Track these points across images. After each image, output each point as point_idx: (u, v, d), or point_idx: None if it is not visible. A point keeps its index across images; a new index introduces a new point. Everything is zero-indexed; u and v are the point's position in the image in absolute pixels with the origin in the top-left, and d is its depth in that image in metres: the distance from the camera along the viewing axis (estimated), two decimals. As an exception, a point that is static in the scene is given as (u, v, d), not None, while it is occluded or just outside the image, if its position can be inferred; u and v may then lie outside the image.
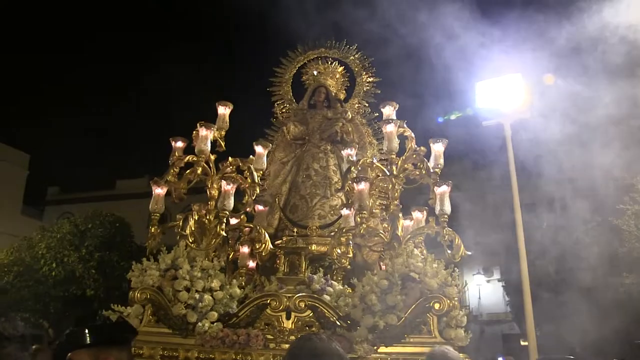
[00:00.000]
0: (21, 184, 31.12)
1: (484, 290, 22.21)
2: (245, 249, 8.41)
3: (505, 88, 9.65)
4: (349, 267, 8.18)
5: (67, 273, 17.56)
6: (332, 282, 7.60)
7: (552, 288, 11.39)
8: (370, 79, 9.70)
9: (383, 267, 8.24)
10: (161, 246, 7.65)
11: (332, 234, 8.40)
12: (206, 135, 7.67)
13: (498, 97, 9.60)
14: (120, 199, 30.73)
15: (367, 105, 9.71)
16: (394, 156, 7.39)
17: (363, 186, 7.17)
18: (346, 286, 7.55)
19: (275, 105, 9.79)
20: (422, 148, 7.58)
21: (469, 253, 7.23)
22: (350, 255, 7.79)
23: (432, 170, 7.35)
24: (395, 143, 7.42)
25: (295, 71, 9.94)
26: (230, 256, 8.23)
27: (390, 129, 7.43)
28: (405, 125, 7.69)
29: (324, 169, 9.04)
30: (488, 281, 22.79)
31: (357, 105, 9.72)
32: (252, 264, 8.55)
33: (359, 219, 7.51)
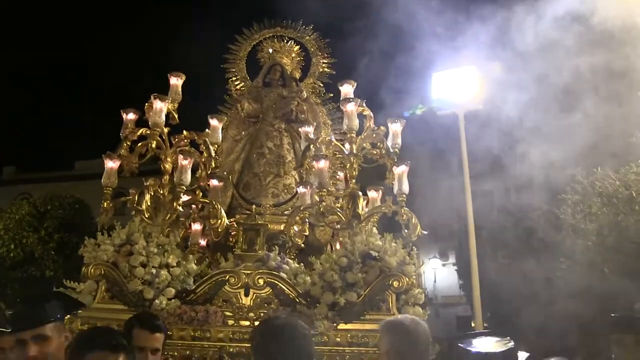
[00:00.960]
0: None
1: (439, 274, 22.79)
2: (197, 226, 8.30)
3: (460, 80, 9.88)
4: (302, 245, 8.22)
5: (26, 254, 17.47)
6: (288, 259, 7.62)
7: (499, 272, 11.80)
8: (326, 60, 9.70)
9: (337, 245, 8.34)
10: (114, 222, 7.46)
11: (287, 212, 8.43)
12: (160, 107, 7.47)
13: (453, 88, 9.83)
14: (80, 179, 29.84)
15: (321, 85, 9.71)
16: (353, 135, 7.42)
17: (323, 164, 7.19)
18: (301, 264, 7.56)
19: (230, 81, 9.64)
20: (381, 127, 7.66)
21: (425, 232, 7.39)
22: (307, 233, 7.81)
23: (391, 150, 7.43)
24: (356, 122, 7.45)
25: (250, 49, 9.82)
26: (182, 234, 8.09)
27: (350, 107, 7.46)
28: (364, 105, 7.73)
29: (278, 148, 8.99)
30: (444, 265, 23.41)
31: (311, 85, 9.69)
32: (202, 242, 8.46)
33: (317, 197, 7.55)
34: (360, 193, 7.34)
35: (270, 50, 9.70)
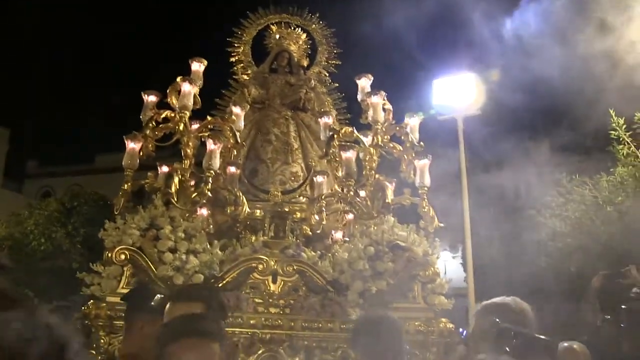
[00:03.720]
0: (1, 159, 31.66)
1: (449, 266, 23.22)
2: (204, 211, 8.20)
3: (459, 86, 10.21)
4: (310, 233, 8.30)
5: (54, 247, 18.53)
6: (304, 248, 7.69)
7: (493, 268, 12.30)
8: (333, 50, 9.74)
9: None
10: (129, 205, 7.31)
11: (294, 200, 8.48)
12: (189, 91, 7.33)
13: (453, 94, 10.15)
14: (100, 172, 29.78)
15: (327, 74, 9.75)
16: (379, 127, 7.54)
17: (350, 154, 7.28)
18: (317, 252, 7.63)
19: (236, 67, 9.53)
20: (406, 121, 7.82)
21: (442, 225, 7.63)
22: (324, 222, 7.89)
23: (415, 144, 7.61)
24: (381, 114, 7.57)
25: (255, 33, 9.73)
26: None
27: (375, 100, 7.57)
28: (385, 98, 7.85)
29: (285, 135, 8.99)
30: (453, 257, 23.86)
31: (317, 73, 9.71)
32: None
33: (340, 188, 7.66)
34: (388, 184, 7.47)
35: (278, 37, 9.65)
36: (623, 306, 3.65)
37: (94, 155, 34.56)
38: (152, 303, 3.81)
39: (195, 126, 7.86)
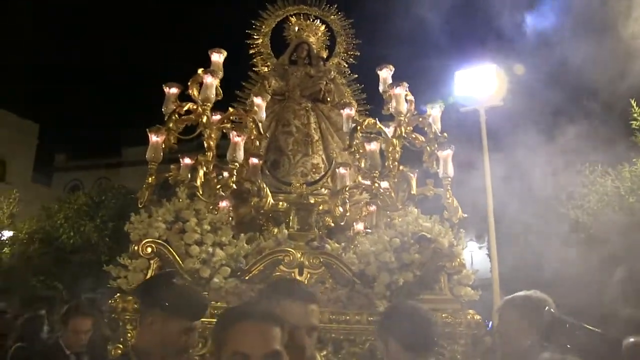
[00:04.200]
0: (31, 153, 32.18)
1: (476, 257, 23.13)
2: (224, 204, 8.18)
3: (481, 77, 10.13)
4: (332, 225, 8.29)
5: (83, 241, 19.28)
6: (327, 239, 7.68)
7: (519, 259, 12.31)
8: (352, 40, 9.70)
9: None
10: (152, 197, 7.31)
11: (316, 191, 8.46)
12: (211, 82, 7.32)
13: (475, 86, 10.08)
14: (127, 165, 30.26)
15: (346, 65, 9.72)
16: (402, 118, 7.51)
17: (375, 146, 7.25)
18: (342, 244, 7.62)
19: (256, 59, 9.51)
20: (428, 112, 7.78)
21: (465, 215, 7.60)
22: (348, 213, 7.87)
23: (439, 135, 7.58)
24: (404, 105, 7.54)
25: (274, 25, 9.69)
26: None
27: (398, 91, 7.54)
28: (407, 89, 7.81)
29: (305, 127, 8.95)
30: (480, 248, 23.79)
31: (336, 65, 9.68)
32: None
33: (363, 179, 7.65)
34: (413, 175, 7.45)
35: (297, 29, 9.61)
36: None
37: (121, 148, 34.78)
38: (166, 299, 3.79)
39: (216, 117, 7.87)
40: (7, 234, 20.28)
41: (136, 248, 6.66)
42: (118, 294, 6.70)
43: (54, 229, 19.82)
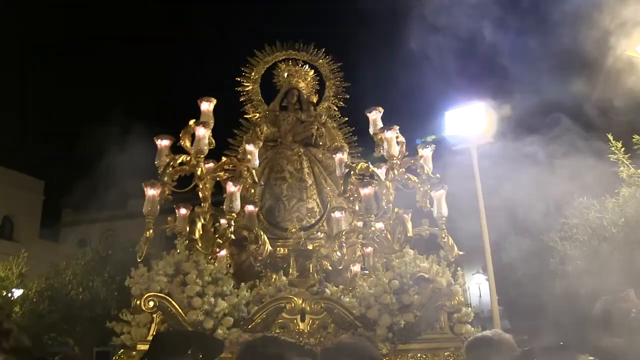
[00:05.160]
0: (38, 210, 32.16)
1: (484, 289, 22.97)
2: (223, 252, 8.24)
3: (471, 116, 10.31)
4: (330, 268, 8.36)
5: (92, 296, 19.37)
6: (327, 284, 7.74)
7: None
8: (340, 84, 9.87)
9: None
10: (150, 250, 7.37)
11: (312, 235, 8.55)
12: (204, 134, 7.43)
13: (465, 124, 10.25)
14: (132, 217, 30.33)
15: (336, 109, 9.87)
16: (395, 161, 7.66)
17: (369, 190, 7.37)
18: (340, 287, 7.69)
19: (247, 105, 9.64)
20: (420, 153, 7.93)
21: (461, 253, 7.72)
22: (346, 257, 7.95)
23: (431, 176, 7.72)
24: (395, 148, 7.69)
25: (263, 71, 9.84)
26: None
27: (389, 134, 7.70)
28: (398, 131, 7.97)
29: (299, 172, 9.07)
30: (487, 279, 23.74)
31: (326, 108, 9.82)
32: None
33: (358, 222, 7.76)
34: (408, 217, 7.57)
35: (286, 75, 9.76)
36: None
37: (127, 200, 34.76)
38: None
39: (209, 165, 7.97)
40: (18, 292, 20.20)
41: (138, 302, 6.70)
42: (122, 350, 6.73)
43: (62, 285, 20.01)
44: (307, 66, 9.93)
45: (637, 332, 3.79)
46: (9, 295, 19.83)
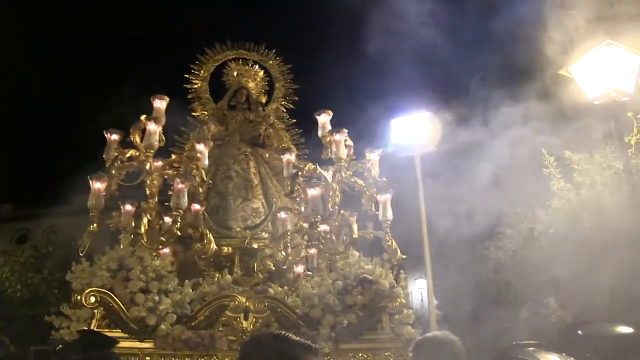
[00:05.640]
0: None
1: (426, 293, 23.07)
2: (165, 250, 8.15)
3: (415, 124, 10.52)
4: (274, 269, 8.40)
5: (31, 293, 18.72)
6: (270, 283, 7.78)
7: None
8: (290, 86, 9.92)
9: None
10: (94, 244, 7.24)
11: (256, 235, 8.56)
12: (155, 130, 7.37)
13: (410, 133, 10.45)
14: (77, 214, 28.84)
15: (284, 111, 9.92)
16: (342, 163, 7.77)
17: (316, 191, 7.45)
18: (284, 287, 7.75)
19: (195, 103, 9.56)
20: (367, 157, 8.08)
21: (404, 257, 7.90)
22: (291, 257, 8.01)
23: (378, 179, 7.88)
24: (343, 150, 7.80)
25: (213, 69, 9.78)
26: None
27: (338, 137, 7.80)
28: (347, 135, 8.09)
29: (245, 171, 9.07)
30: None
31: (275, 110, 9.85)
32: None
33: (304, 223, 7.85)
34: (354, 219, 7.69)
35: (235, 74, 9.74)
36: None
37: (70, 197, 33.61)
38: None
39: (158, 163, 7.90)
40: None
41: (79, 297, 6.58)
42: (60, 345, 6.57)
43: None
44: (257, 66, 9.96)
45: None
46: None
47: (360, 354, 6.95)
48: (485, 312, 11.99)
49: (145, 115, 7.47)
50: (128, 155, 7.41)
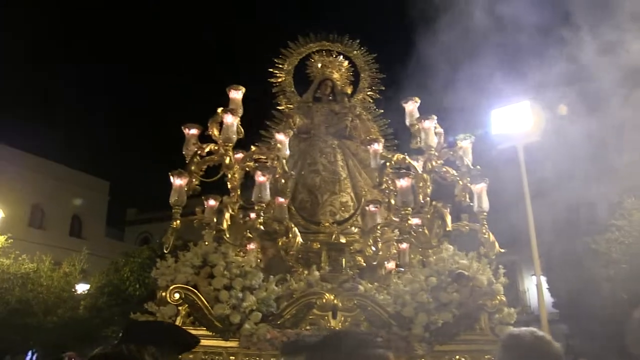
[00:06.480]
0: (103, 209, 34.17)
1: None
2: (252, 245, 7.93)
3: (517, 114, 9.93)
4: (364, 265, 8.02)
5: (148, 292, 18.73)
6: (360, 280, 7.39)
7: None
8: (376, 75, 9.53)
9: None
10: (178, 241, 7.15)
11: (346, 230, 8.19)
12: (232, 122, 7.17)
13: (511, 123, 9.88)
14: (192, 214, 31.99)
15: (371, 101, 9.53)
16: (433, 152, 7.29)
17: (406, 182, 7.00)
18: (375, 284, 7.34)
19: (280, 97, 9.37)
20: (459, 145, 7.56)
21: (503, 250, 7.28)
22: (381, 252, 7.60)
23: (471, 167, 7.34)
24: (433, 138, 7.33)
25: (297, 62, 9.56)
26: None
27: (428, 124, 7.34)
28: (437, 122, 7.60)
29: (332, 164, 8.73)
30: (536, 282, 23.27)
31: (361, 100, 9.49)
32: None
33: (394, 216, 7.41)
34: (447, 211, 7.18)
35: (320, 65, 9.46)
36: None
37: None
38: None
39: (238, 156, 7.71)
40: (84, 287, 21.43)
41: (163, 294, 6.46)
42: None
43: (120, 282, 20.80)
44: (342, 57, 9.62)
45: None
46: (72, 290, 20.94)
47: (457, 357, 6.42)
48: (602, 311, 11.10)
49: (221, 108, 7.29)
50: (207, 149, 7.25)
